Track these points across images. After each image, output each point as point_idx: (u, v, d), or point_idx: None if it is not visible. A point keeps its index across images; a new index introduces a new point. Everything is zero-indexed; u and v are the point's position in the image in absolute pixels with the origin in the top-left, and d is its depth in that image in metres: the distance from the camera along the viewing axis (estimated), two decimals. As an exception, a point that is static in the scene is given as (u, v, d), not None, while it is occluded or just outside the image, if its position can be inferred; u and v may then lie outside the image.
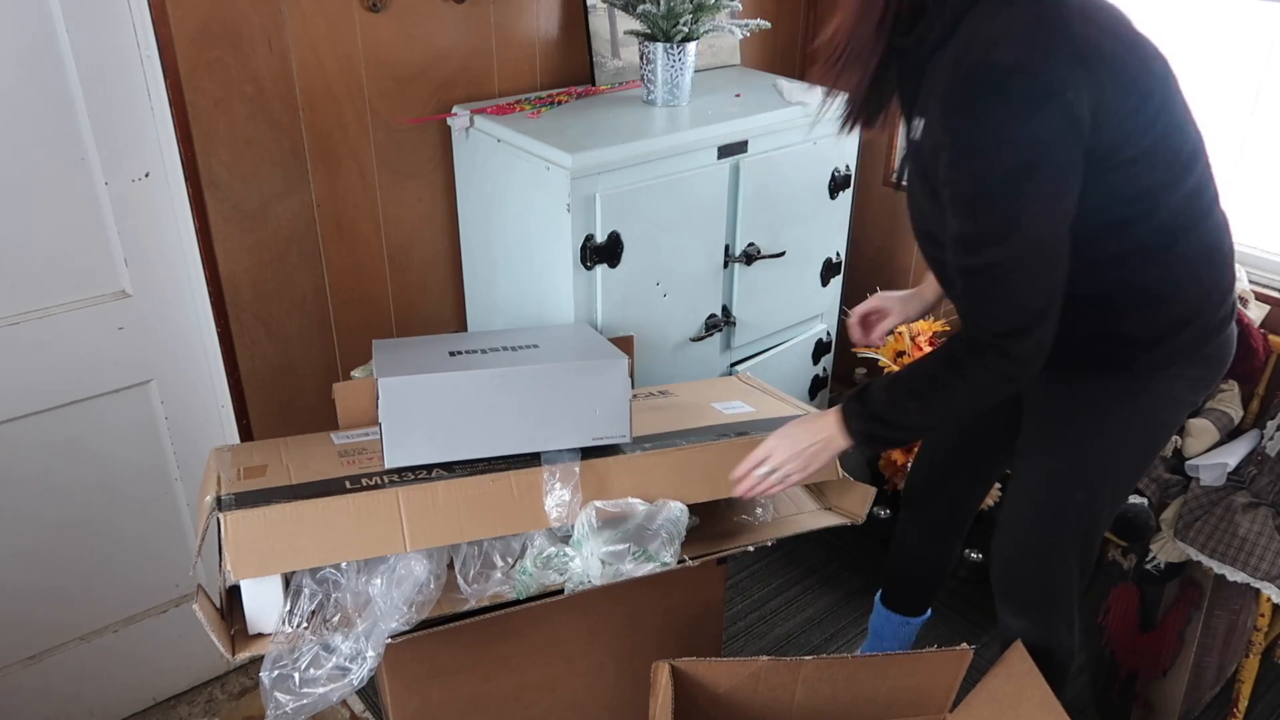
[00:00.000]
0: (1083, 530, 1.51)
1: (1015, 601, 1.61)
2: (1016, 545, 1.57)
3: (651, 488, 1.48)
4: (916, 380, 1.33)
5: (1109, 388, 1.43)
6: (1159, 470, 1.98)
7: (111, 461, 1.82)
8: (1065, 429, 1.48)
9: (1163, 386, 1.41)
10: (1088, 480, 1.48)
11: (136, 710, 2.03)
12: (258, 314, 1.89)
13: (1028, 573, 1.58)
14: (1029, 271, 1.20)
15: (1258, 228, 2.14)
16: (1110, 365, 1.41)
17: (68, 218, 1.64)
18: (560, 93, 2.08)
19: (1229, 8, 2.12)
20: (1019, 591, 1.60)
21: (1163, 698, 1.96)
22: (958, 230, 1.22)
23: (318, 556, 1.33)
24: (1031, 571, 1.57)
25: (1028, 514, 1.55)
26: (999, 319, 1.23)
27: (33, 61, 1.53)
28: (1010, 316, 1.22)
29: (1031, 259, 1.20)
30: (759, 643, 2.23)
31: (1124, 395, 1.42)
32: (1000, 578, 1.62)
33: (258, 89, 1.75)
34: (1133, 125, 1.22)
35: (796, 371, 2.36)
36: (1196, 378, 1.44)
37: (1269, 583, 1.76)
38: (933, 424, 1.41)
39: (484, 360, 1.50)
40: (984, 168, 1.17)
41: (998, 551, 1.61)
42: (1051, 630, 1.59)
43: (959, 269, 1.24)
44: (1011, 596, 1.61)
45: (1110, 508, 1.53)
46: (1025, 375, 1.26)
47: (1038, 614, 1.59)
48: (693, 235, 1.95)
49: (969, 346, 1.27)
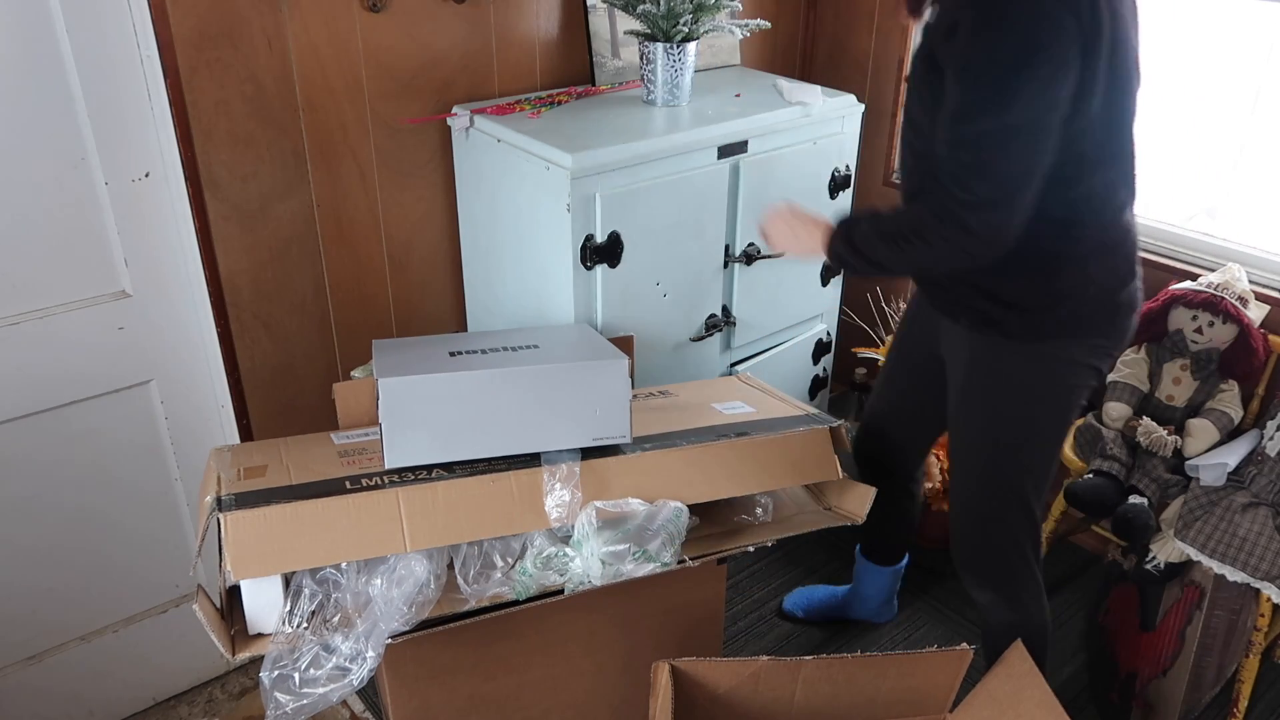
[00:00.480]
0: (1017, 497, 1.61)
1: (975, 574, 1.72)
2: (960, 517, 1.70)
3: (651, 488, 1.48)
4: (891, 228, 1.42)
5: (1003, 359, 1.54)
6: (1159, 470, 1.98)
7: (111, 461, 1.82)
8: (976, 401, 1.60)
9: (1065, 354, 1.50)
10: (1006, 447, 1.59)
11: (136, 710, 2.03)
12: (258, 314, 1.90)
13: (976, 542, 1.69)
14: (1013, 147, 1.26)
15: (1258, 228, 2.14)
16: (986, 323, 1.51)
17: (68, 218, 1.64)
18: (560, 93, 2.08)
19: (1229, 8, 2.12)
20: (975, 563, 1.71)
21: (1163, 698, 1.96)
22: (957, 101, 1.28)
23: (318, 556, 1.33)
24: (979, 541, 1.68)
25: (963, 485, 1.67)
26: (972, 189, 1.29)
27: (33, 61, 1.53)
28: (983, 189, 1.28)
29: (1019, 135, 1.25)
30: (759, 643, 2.23)
31: (1023, 365, 1.53)
32: (957, 552, 1.73)
33: (258, 89, 1.75)
34: (1095, 85, 1.29)
35: (796, 371, 2.36)
36: (1096, 346, 1.52)
37: (1269, 583, 1.76)
38: (894, 270, 1.54)
39: (484, 360, 1.50)
40: (998, 39, 1.23)
41: (951, 524, 1.73)
42: (1016, 600, 1.69)
43: (948, 141, 1.30)
44: (970, 569, 1.72)
45: (1039, 473, 1.62)
46: (980, 253, 1.34)
47: (998, 584, 1.69)
48: (693, 235, 1.95)
49: (936, 214, 1.34)
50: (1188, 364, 2.05)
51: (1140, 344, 2.13)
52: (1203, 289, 2.03)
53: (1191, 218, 2.29)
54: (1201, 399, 2.04)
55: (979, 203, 1.29)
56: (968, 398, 1.62)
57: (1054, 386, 1.54)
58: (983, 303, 1.50)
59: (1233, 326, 1.99)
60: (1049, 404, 1.56)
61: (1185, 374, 2.06)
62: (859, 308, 2.63)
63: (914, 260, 1.44)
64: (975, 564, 1.71)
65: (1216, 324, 2.00)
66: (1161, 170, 2.32)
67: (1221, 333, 2.00)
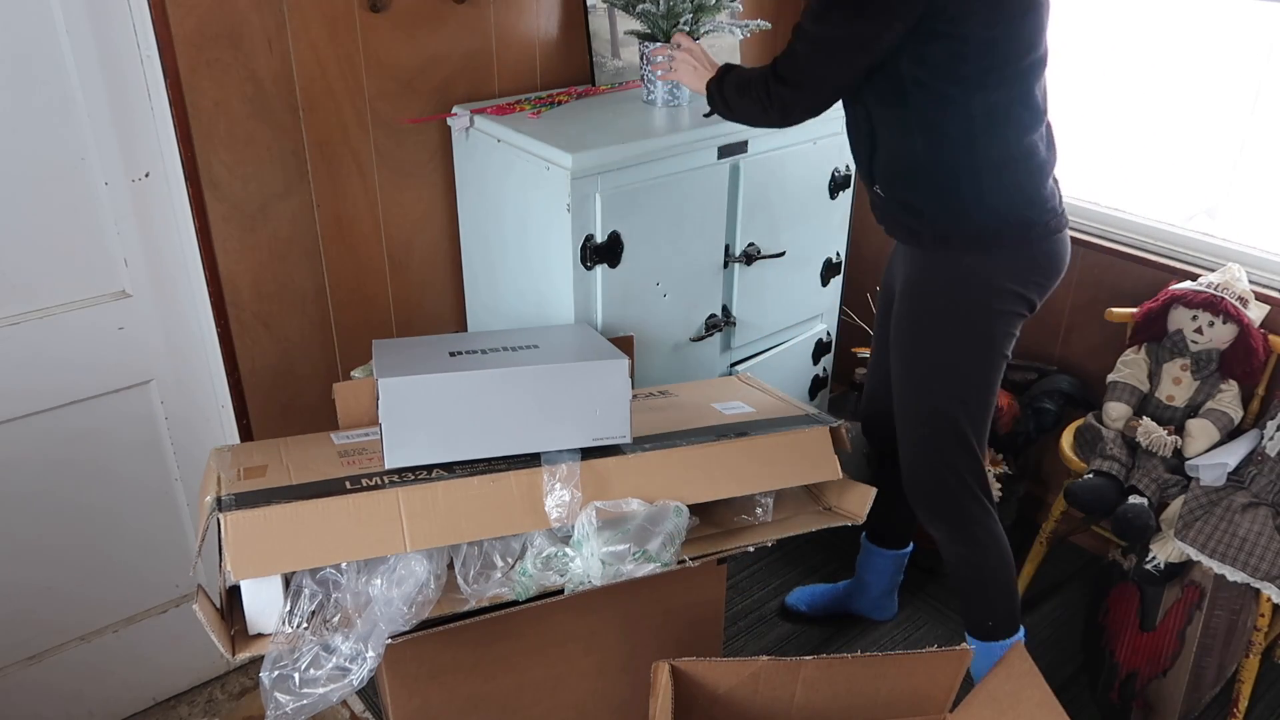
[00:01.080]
0: (953, 427, 1.72)
1: (925, 509, 1.83)
2: (906, 451, 1.81)
3: (651, 488, 1.48)
4: (743, 78, 1.64)
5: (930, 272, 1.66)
6: (1159, 470, 1.98)
7: (111, 461, 1.82)
8: (905, 320, 1.72)
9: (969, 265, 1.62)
10: (936, 370, 1.70)
11: (136, 710, 2.03)
12: (258, 314, 1.90)
13: (921, 476, 1.80)
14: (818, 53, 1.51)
15: (1257, 228, 2.14)
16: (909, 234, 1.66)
17: (68, 218, 1.64)
18: (560, 93, 2.08)
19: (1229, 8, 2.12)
20: (923, 498, 1.82)
21: (1163, 698, 1.96)
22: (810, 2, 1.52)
23: (318, 556, 1.33)
24: (924, 475, 1.79)
25: (904, 417, 1.77)
26: (782, 66, 1.55)
27: (33, 61, 1.53)
28: (788, 70, 1.54)
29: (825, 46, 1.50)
30: (759, 643, 2.23)
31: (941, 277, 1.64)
32: (907, 488, 1.82)
33: (258, 89, 1.75)
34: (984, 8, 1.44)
35: (796, 371, 2.36)
36: (1014, 270, 1.62)
37: (1269, 583, 1.76)
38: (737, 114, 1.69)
39: (484, 360, 1.50)
40: None
41: (900, 460, 1.82)
42: (968, 533, 1.80)
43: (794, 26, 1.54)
44: (920, 504, 1.83)
45: (973, 405, 1.72)
46: (773, 119, 1.62)
47: (948, 518, 1.80)
48: (693, 235, 1.95)
49: (762, 77, 1.58)
50: (1187, 364, 2.05)
51: (1140, 344, 2.13)
52: (1203, 289, 2.03)
53: (1191, 218, 2.29)
54: (1201, 399, 2.04)
55: (781, 78, 1.54)
56: (900, 319, 1.73)
57: (974, 307, 1.64)
58: (903, 215, 1.65)
59: (1233, 326, 1.99)
60: (971, 324, 1.65)
61: (1185, 374, 2.06)
62: (859, 308, 2.63)
63: (744, 111, 1.65)
64: (924, 499, 1.81)
65: (1216, 324, 2.00)
66: (1161, 170, 2.32)
67: (1221, 333, 2.01)
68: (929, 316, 1.68)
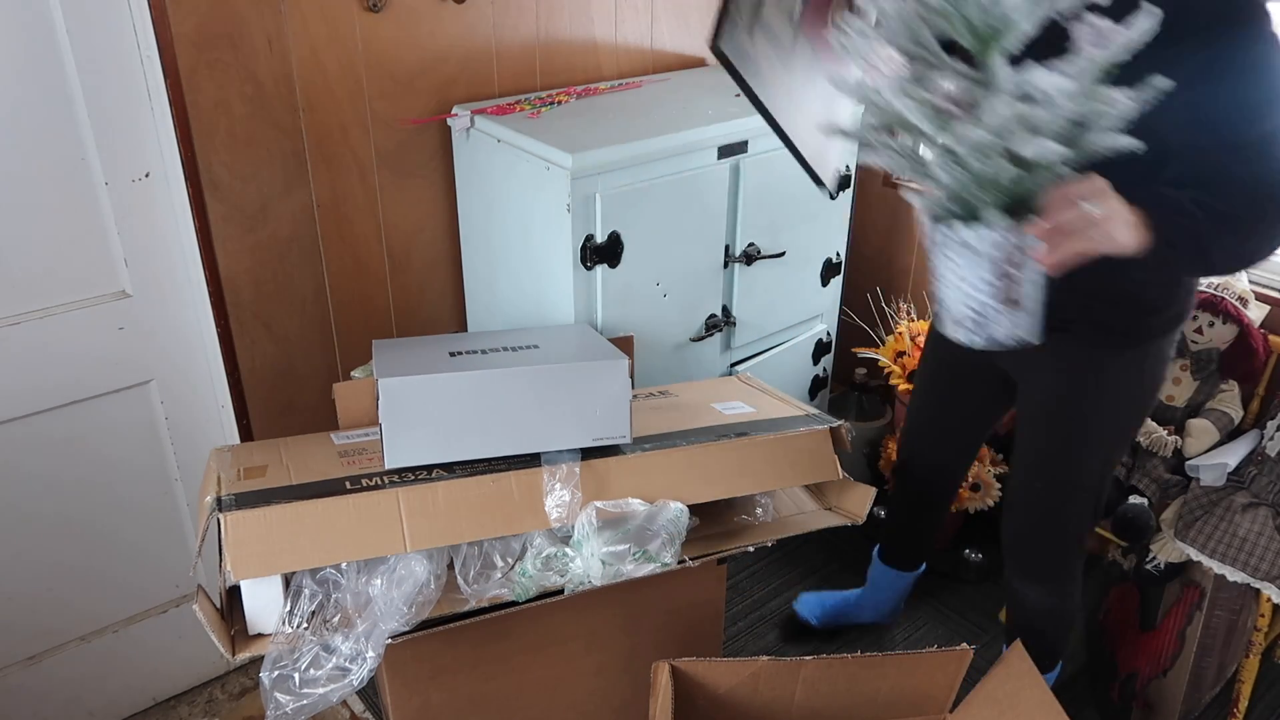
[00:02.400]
0: (1093, 494, 1.61)
1: (1031, 571, 1.72)
2: (1031, 520, 1.68)
3: (651, 488, 1.48)
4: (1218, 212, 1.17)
5: (1108, 363, 1.50)
6: (1159, 470, 1.98)
7: (111, 461, 1.82)
8: (1070, 408, 1.56)
9: (1158, 350, 1.51)
10: (1095, 451, 1.58)
11: (136, 710, 2.03)
12: (258, 314, 1.89)
13: (1044, 544, 1.68)
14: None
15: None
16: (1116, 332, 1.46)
17: (68, 218, 1.64)
18: (560, 93, 2.08)
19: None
20: (1035, 563, 1.71)
21: (1163, 698, 1.96)
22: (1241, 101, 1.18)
23: (318, 557, 1.33)
24: (1047, 543, 1.68)
25: (1039, 488, 1.64)
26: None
27: (33, 61, 1.53)
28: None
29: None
30: (759, 643, 2.23)
31: (1126, 367, 1.51)
32: (1015, 550, 1.72)
33: (258, 89, 1.75)
34: None
35: (796, 371, 2.36)
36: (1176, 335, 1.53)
37: (1269, 583, 1.76)
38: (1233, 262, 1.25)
39: (484, 360, 1.50)
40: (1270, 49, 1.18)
41: (1011, 525, 1.71)
42: (1063, 589, 1.73)
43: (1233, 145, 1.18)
44: (1027, 567, 1.72)
45: (1114, 466, 1.65)
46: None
47: (1053, 578, 1.71)
48: (693, 235, 1.95)
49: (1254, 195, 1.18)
50: (1188, 364, 2.05)
51: (1140, 344, 2.13)
52: (1203, 289, 2.03)
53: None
54: (1201, 399, 2.04)
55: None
56: (1063, 407, 1.56)
57: (1152, 385, 1.55)
58: (1107, 310, 1.43)
59: (1233, 326, 1.99)
60: (1142, 402, 1.57)
61: (1185, 374, 2.06)
62: (859, 308, 2.63)
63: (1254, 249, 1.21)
64: (1034, 564, 1.72)
65: (1216, 324, 2.00)
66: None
67: (1221, 333, 2.00)
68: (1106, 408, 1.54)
